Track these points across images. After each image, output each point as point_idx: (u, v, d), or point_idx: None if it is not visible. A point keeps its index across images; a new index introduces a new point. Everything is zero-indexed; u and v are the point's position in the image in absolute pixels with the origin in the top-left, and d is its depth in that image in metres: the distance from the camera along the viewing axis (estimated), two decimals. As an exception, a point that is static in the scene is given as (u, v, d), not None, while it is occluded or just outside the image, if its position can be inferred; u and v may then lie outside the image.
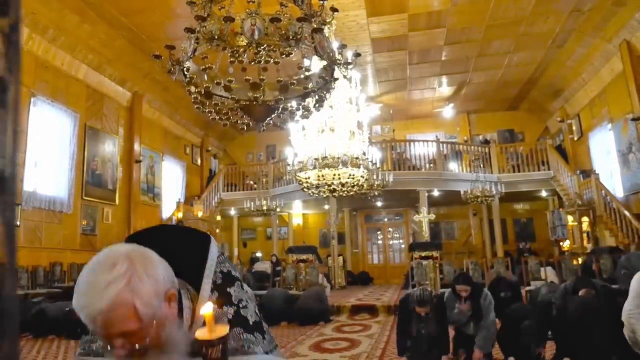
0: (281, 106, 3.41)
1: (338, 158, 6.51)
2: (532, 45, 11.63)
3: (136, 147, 12.15)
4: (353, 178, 6.92)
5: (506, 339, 4.06)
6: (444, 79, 14.02)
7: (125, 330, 0.91)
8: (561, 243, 13.30)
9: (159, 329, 0.96)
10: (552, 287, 6.25)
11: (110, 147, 11.35)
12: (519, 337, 4.03)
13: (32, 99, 8.85)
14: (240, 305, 1.10)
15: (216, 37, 2.86)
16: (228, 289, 1.10)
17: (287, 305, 7.68)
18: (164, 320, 0.97)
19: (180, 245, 1.07)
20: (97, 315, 0.90)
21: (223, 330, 0.86)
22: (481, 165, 13.17)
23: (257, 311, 1.15)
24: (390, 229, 17.27)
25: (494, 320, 4.04)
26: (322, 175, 6.81)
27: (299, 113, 3.50)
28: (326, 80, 3.25)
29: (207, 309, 0.88)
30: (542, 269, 8.69)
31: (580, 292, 4.08)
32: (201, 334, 0.86)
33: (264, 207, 11.93)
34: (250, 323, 1.10)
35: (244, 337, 1.07)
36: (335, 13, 3.89)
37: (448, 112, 16.37)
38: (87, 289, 0.92)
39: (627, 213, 10.11)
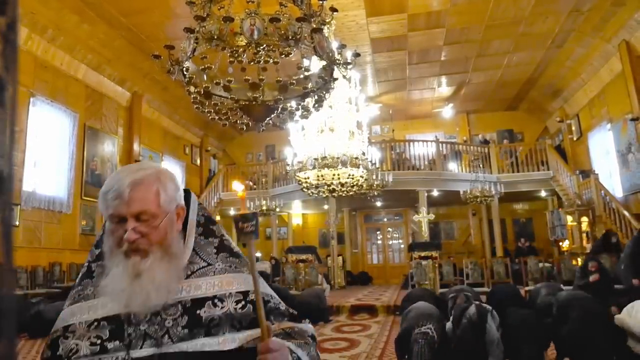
0: (280, 106, 3.41)
1: (337, 158, 6.52)
2: (531, 46, 11.64)
3: (135, 147, 12.14)
4: (352, 178, 6.93)
5: (505, 346, 4.02)
6: (444, 79, 14.02)
7: (144, 209, 1.03)
8: (560, 243, 13.31)
9: (167, 230, 1.07)
10: (552, 289, 6.23)
11: (109, 147, 11.34)
12: (519, 348, 3.99)
13: (31, 99, 8.84)
14: (223, 238, 1.23)
15: (215, 37, 2.86)
16: (211, 226, 1.23)
17: (287, 303, 7.66)
18: (172, 225, 1.10)
19: None
20: (125, 189, 1.02)
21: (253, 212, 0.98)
22: (480, 166, 13.19)
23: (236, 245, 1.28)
24: (389, 229, 17.28)
25: (498, 340, 3.94)
26: (322, 175, 6.82)
27: (298, 113, 3.50)
28: (325, 81, 3.25)
29: (239, 188, 1.05)
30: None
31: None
32: (236, 212, 0.99)
33: (264, 207, 11.93)
34: (234, 250, 1.23)
35: (230, 259, 1.19)
36: (335, 13, 3.89)
37: (447, 112, 16.38)
38: (120, 171, 1.09)
39: (626, 213, 10.12)
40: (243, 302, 1.09)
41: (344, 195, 7.79)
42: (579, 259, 10.25)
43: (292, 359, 1.04)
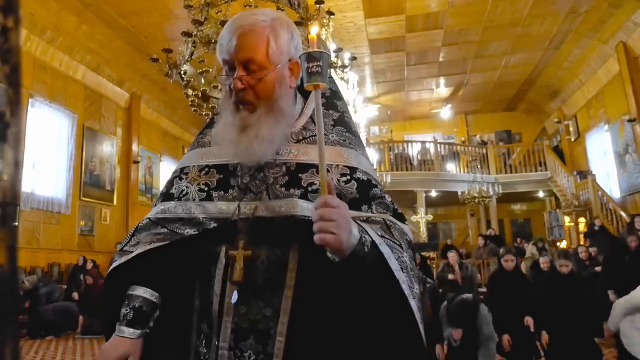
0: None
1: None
2: (529, 47, 11.67)
3: (134, 147, 12.15)
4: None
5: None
6: (442, 80, 14.04)
7: (250, 57, 1.01)
8: (558, 244, 13.34)
9: (275, 85, 1.04)
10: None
11: (108, 148, 11.35)
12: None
13: (30, 100, 8.84)
14: (345, 114, 1.20)
15: (213, 41, 2.88)
16: (335, 101, 1.21)
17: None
18: (282, 80, 1.06)
19: None
20: (237, 30, 1.02)
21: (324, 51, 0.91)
22: (478, 166, 13.23)
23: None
24: (388, 230, 17.27)
25: (491, 336, 4.00)
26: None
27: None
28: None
29: (313, 31, 0.96)
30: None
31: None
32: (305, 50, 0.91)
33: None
34: (353, 129, 1.19)
35: (346, 134, 1.14)
36: (332, 16, 3.92)
37: (446, 113, 16.39)
38: (239, 15, 1.08)
39: (623, 214, 10.15)
40: (348, 177, 1.06)
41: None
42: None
43: (359, 234, 0.94)
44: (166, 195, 1.13)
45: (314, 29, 0.95)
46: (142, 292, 1.09)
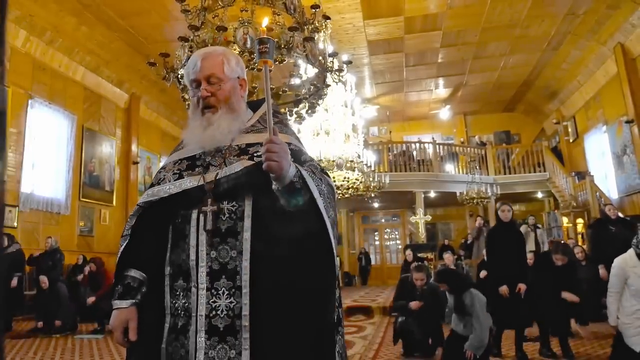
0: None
1: (333, 161, 6.57)
2: (527, 48, 11.70)
3: (133, 148, 12.18)
4: (348, 181, 6.98)
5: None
6: (441, 81, 14.07)
7: (213, 72, 1.39)
8: (556, 244, 13.36)
9: (231, 92, 1.42)
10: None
11: (107, 149, 11.38)
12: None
13: (29, 101, 8.87)
14: (284, 119, 1.60)
15: (209, 46, 2.92)
16: (277, 114, 1.57)
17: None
18: (235, 90, 1.44)
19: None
20: (200, 57, 1.41)
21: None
22: (477, 167, 13.25)
23: None
24: (387, 230, 17.34)
25: (482, 324, 3.98)
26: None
27: (292, 119, 3.55)
28: (318, 88, 3.31)
29: (264, 22, 1.45)
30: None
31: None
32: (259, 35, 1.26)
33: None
34: (288, 125, 1.60)
35: (283, 128, 1.47)
36: (329, 21, 3.95)
37: (445, 113, 16.43)
38: (199, 50, 1.53)
39: (621, 215, 10.17)
40: None
41: (340, 197, 7.85)
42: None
43: (295, 170, 1.24)
44: (151, 186, 1.46)
45: (264, 21, 1.43)
46: (131, 272, 1.37)
